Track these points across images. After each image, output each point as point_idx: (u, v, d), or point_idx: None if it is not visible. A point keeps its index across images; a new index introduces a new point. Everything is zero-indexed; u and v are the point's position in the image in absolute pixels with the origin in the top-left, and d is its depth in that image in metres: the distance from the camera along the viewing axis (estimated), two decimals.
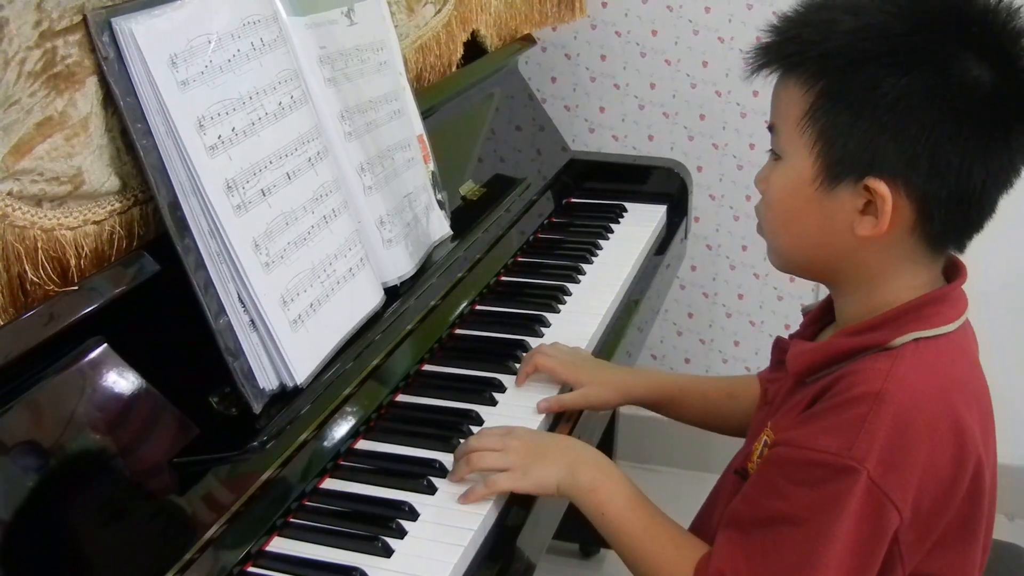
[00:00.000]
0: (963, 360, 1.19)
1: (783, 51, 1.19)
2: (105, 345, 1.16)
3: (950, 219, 1.14)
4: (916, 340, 1.15)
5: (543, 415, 1.53)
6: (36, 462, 1.06)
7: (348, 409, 1.43)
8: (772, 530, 1.14)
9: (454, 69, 2.08)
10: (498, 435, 1.36)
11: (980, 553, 1.20)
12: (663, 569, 1.23)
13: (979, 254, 1.24)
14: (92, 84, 1.14)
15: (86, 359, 1.14)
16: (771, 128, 1.23)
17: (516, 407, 1.55)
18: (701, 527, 1.36)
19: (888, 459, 1.08)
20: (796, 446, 1.13)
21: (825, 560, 1.09)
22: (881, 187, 1.12)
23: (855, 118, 1.13)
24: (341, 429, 1.41)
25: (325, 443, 1.37)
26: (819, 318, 1.32)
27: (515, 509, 1.33)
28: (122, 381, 1.16)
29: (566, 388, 1.60)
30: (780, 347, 1.36)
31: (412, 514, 1.29)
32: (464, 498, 1.30)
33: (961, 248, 1.20)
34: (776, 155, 1.22)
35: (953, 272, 1.22)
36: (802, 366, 1.22)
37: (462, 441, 1.42)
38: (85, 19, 1.12)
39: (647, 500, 1.30)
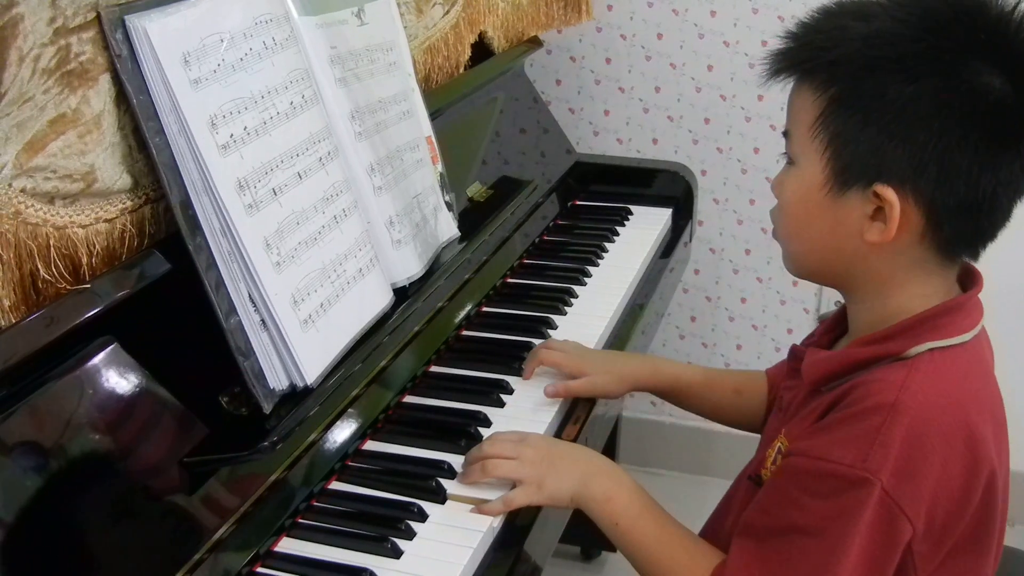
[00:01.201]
0: (978, 370, 1.19)
1: (796, 57, 1.19)
2: (115, 344, 1.15)
3: (959, 226, 1.14)
4: (931, 350, 1.15)
5: (552, 412, 1.54)
6: (44, 462, 1.05)
7: (356, 410, 1.42)
8: (787, 540, 1.14)
9: (462, 70, 2.08)
10: (511, 442, 1.36)
11: (992, 561, 1.20)
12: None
13: (988, 260, 1.23)
14: (105, 82, 1.14)
15: (96, 358, 1.13)
16: (786, 134, 1.23)
17: (523, 408, 1.55)
18: (714, 533, 1.35)
19: (902, 471, 1.08)
20: (811, 456, 1.13)
21: (839, 571, 1.09)
22: (889, 193, 1.12)
23: (864, 124, 1.13)
24: (349, 430, 1.40)
25: (333, 444, 1.37)
26: (835, 326, 1.32)
27: (523, 511, 1.33)
28: (132, 381, 1.16)
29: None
30: (796, 355, 1.36)
31: (421, 515, 1.29)
32: (479, 510, 1.30)
33: (975, 256, 1.20)
34: (791, 160, 1.22)
35: (969, 281, 1.22)
36: (817, 375, 1.22)
37: (469, 443, 1.43)
38: (99, 16, 1.12)
39: (660, 508, 1.30)
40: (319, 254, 1.34)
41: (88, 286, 1.13)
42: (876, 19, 1.14)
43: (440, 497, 1.33)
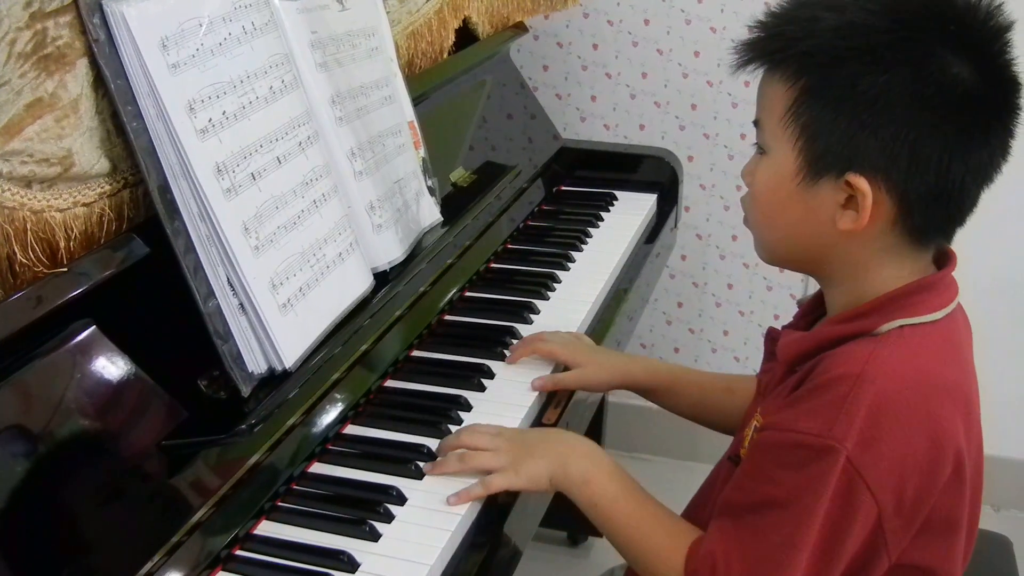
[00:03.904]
0: (948, 349, 1.19)
1: (767, 48, 1.20)
2: (93, 328, 1.16)
3: (930, 214, 1.15)
4: (901, 327, 1.16)
5: (533, 397, 1.54)
6: (23, 445, 1.06)
7: (337, 394, 1.43)
8: (760, 514, 1.15)
9: (445, 56, 2.08)
10: (488, 435, 1.36)
11: (964, 543, 1.21)
12: (656, 555, 1.24)
13: (969, 247, 1.24)
14: (83, 66, 1.14)
15: (74, 342, 1.14)
16: (756, 123, 1.24)
17: (504, 392, 1.56)
18: (696, 515, 1.36)
19: (865, 440, 1.09)
20: (780, 429, 1.15)
21: (808, 539, 1.11)
22: (861, 183, 1.13)
23: (836, 114, 1.14)
24: (329, 414, 1.41)
25: (313, 427, 1.37)
26: (812, 310, 1.33)
27: (503, 494, 1.33)
28: (110, 364, 1.16)
29: (559, 370, 1.62)
30: (772, 337, 1.37)
31: (400, 498, 1.29)
32: (457, 497, 1.30)
33: (947, 240, 1.21)
34: (761, 149, 1.23)
35: (943, 260, 1.23)
36: (792, 355, 1.23)
37: (450, 427, 1.43)
38: (76, 1, 1.12)
39: (639, 488, 1.31)
40: (298, 238, 1.35)
41: (66, 269, 1.13)
42: (847, 10, 1.14)
43: (419, 481, 1.33)
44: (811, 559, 1.11)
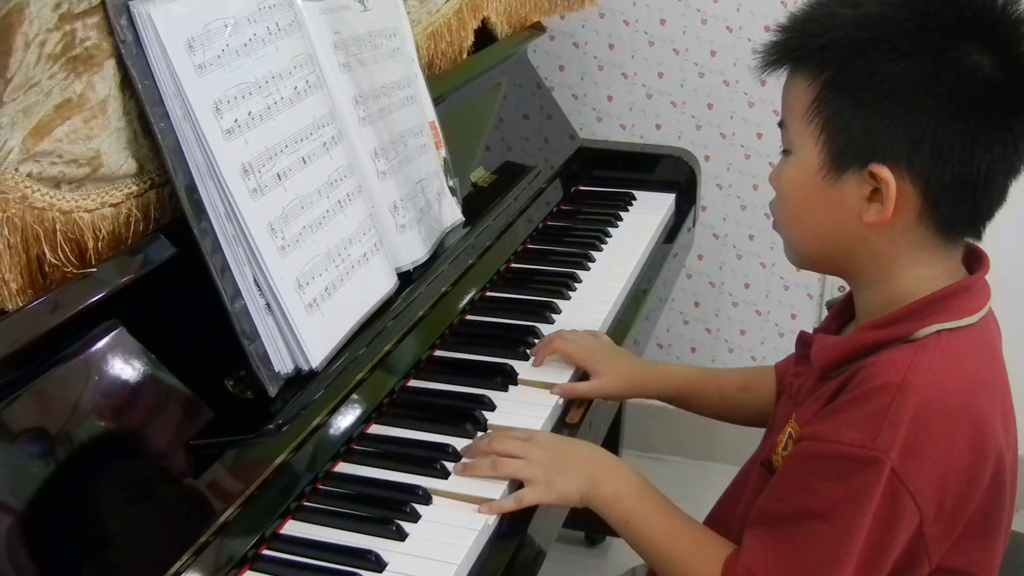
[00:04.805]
0: (985, 352, 1.19)
1: (788, 47, 1.21)
2: (121, 328, 1.16)
3: (956, 204, 1.15)
4: (939, 332, 1.15)
5: (555, 397, 1.54)
6: (51, 445, 1.06)
7: (361, 394, 1.43)
8: (800, 526, 1.14)
9: (465, 56, 2.08)
10: (520, 440, 1.36)
11: (1001, 546, 1.21)
12: (691, 571, 1.24)
13: (995, 243, 1.24)
14: (110, 67, 1.14)
15: (102, 342, 1.14)
16: (781, 124, 1.24)
17: (528, 392, 1.56)
18: (726, 518, 1.35)
19: (909, 450, 1.08)
20: (821, 440, 1.14)
21: (853, 552, 1.10)
22: (885, 172, 1.13)
23: (857, 106, 1.14)
24: (354, 413, 1.41)
25: (338, 427, 1.38)
26: (843, 312, 1.32)
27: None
28: (137, 364, 1.17)
29: (578, 373, 1.62)
30: (804, 341, 1.36)
31: (426, 498, 1.29)
32: (489, 508, 1.29)
33: (977, 236, 1.21)
34: (787, 151, 1.24)
35: (975, 263, 1.22)
36: (827, 360, 1.22)
37: (474, 426, 1.44)
38: (104, 2, 1.12)
39: (668, 503, 1.31)
40: (324, 238, 1.35)
41: (94, 270, 1.14)
42: (865, 4, 1.15)
43: (445, 480, 1.33)
44: (855, 571, 1.11)
